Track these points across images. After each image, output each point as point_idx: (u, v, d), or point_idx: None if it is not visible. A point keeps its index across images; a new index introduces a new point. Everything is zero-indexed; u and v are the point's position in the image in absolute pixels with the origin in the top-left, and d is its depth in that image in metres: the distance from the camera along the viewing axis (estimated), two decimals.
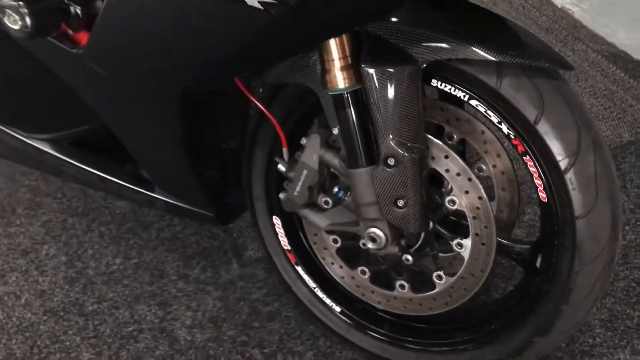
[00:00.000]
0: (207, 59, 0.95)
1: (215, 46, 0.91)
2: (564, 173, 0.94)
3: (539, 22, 2.28)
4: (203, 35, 0.91)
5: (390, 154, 0.99)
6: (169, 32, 0.92)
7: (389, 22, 0.96)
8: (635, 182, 1.70)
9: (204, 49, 0.93)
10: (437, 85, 1.01)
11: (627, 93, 1.99)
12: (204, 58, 0.94)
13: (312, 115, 1.16)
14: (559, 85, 0.95)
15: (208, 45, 0.92)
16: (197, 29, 0.90)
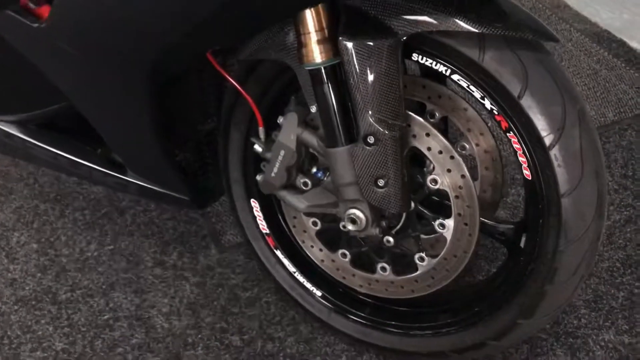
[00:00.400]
0: (174, 30, 0.90)
1: (182, 15, 0.87)
2: (548, 149, 0.91)
3: (523, 2, 2.25)
4: (169, 4, 0.86)
5: (370, 132, 0.96)
6: (134, 4, 0.87)
7: None
8: (619, 162, 1.68)
9: (170, 19, 0.88)
10: (418, 59, 0.97)
11: (611, 72, 1.97)
12: (171, 29, 0.90)
13: (290, 92, 1.12)
14: (544, 58, 0.92)
15: (175, 14, 0.87)
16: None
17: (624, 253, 1.46)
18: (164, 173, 1.22)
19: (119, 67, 1.00)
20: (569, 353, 1.26)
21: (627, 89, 1.90)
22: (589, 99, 1.88)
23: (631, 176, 1.64)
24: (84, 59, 0.99)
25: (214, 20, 0.87)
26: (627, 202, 1.58)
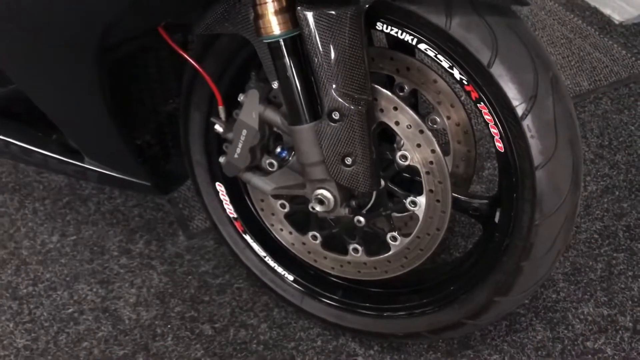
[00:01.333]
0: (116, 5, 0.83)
1: None
2: (521, 119, 0.87)
3: None
4: None
5: (335, 107, 0.90)
6: None
7: None
8: (595, 132, 1.65)
9: None
10: (382, 28, 0.92)
11: (585, 41, 1.93)
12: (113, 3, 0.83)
13: (251, 68, 1.06)
14: (514, 23, 0.87)
15: None
16: None
17: (602, 224, 1.44)
18: (123, 158, 1.16)
19: (63, 45, 0.93)
20: (549, 328, 1.24)
21: (601, 57, 1.87)
22: (564, 69, 1.84)
23: (607, 145, 1.62)
24: (27, 36, 0.92)
25: None
26: (604, 171, 1.55)
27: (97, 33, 0.89)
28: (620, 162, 1.57)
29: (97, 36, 0.90)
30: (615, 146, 1.61)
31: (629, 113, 1.70)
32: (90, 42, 0.91)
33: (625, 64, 1.84)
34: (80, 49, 0.92)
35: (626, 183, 1.52)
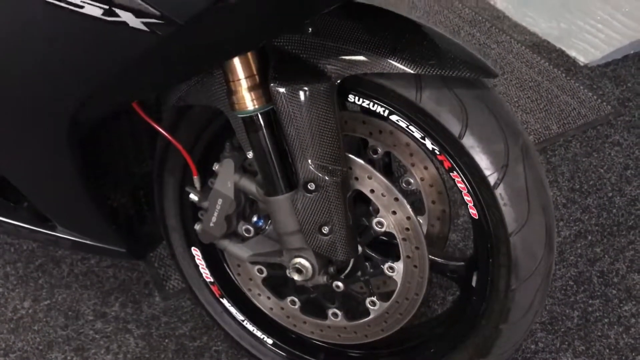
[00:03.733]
0: (91, 84, 0.83)
1: (98, 70, 0.80)
2: (493, 188, 0.88)
3: (462, 15, 2.25)
4: (84, 59, 0.79)
5: (310, 179, 0.91)
6: (46, 55, 0.80)
7: (297, 35, 0.87)
8: (566, 175, 1.68)
9: (86, 74, 0.82)
10: (354, 100, 0.93)
11: (552, 83, 1.98)
12: (88, 83, 0.83)
13: (224, 137, 1.06)
14: (483, 94, 0.89)
15: (91, 69, 0.81)
16: (77, 51, 0.79)
17: (576, 270, 1.46)
18: (97, 225, 1.14)
19: (36, 123, 0.92)
20: None
21: (569, 100, 1.91)
22: (533, 112, 1.88)
23: (578, 189, 1.65)
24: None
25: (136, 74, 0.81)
26: (576, 216, 1.58)
27: (69, 110, 0.88)
28: (592, 206, 1.60)
29: (68, 113, 0.89)
30: (586, 190, 1.65)
31: (597, 156, 1.74)
32: (62, 119, 0.90)
33: (591, 106, 1.89)
34: (51, 125, 0.91)
35: (598, 227, 1.55)
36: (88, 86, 0.83)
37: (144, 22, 0.72)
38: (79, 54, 0.78)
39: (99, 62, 0.79)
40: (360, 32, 0.87)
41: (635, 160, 1.72)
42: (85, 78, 0.82)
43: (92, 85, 0.83)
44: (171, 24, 0.72)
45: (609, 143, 1.77)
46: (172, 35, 0.73)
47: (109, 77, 0.81)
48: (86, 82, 0.82)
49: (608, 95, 1.93)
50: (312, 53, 0.87)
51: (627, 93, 1.93)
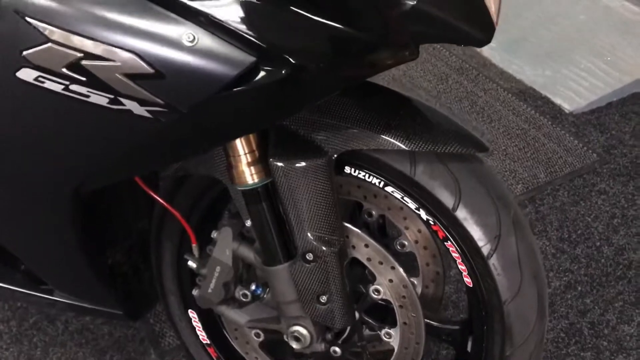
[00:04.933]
0: (94, 165, 0.85)
1: (101, 152, 0.83)
2: (487, 259, 0.91)
3: (449, 63, 2.31)
4: (89, 142, 0.82)
5: (308, 249, 0.93)
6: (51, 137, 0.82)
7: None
8: (554, 225, 1.72)
9: (90, 155, 0.84)
10: (350, 172, 0.96)
11: (539, 131, 2.03)
12: (91, 164, 0.85)
13: (221, 203, 1.08)
14: (474, 168, 0.92)
15: (94, 151, 0.83)
16: (82, 135, 0.81)
17: (567, 321, 1.48)
18: (94, 289, 1.15)
19: (38, 197, 0.93)
20: None
21: (555, 148, 1.96)
22: (521, 160, 1.92)
23: (567, 238, 1.68)
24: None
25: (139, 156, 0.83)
26: (565, 266, 1.61)
27: (71, 186, 0.90)
28: (580, 256, 1.63)
29: (70, 189, 0.91)
30: (575, 239, 1.68)
31: (585, 204, 1.77)
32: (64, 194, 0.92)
33: (578, 154, 1.93)
34: (52, 198, 0.93)
35: (587, 277, 1.58)
36: (91, 166, 0.85)
37: (148, 110, 0.75)
38: (84, 137, 0.81)
39: (102, 145, 0.81)
40: (356, 109, 0.90)
41: (621, 209, 1.76)
42: (88, 159, 0.84)
43: (95, 165, 0.85)
44: (174, 112, 0.74)
45: (596, 192, 1.81)
46: (175, 121, 0.76)
47: (111, 159, 0.83)
48: (89, 163, 0.84)
49: (593, 142, 1.98)
50: (310, 129, 0.90)
51: (612, 140, 1.98)
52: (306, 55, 0.72)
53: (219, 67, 0.71)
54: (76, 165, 0.85)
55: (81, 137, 0.81)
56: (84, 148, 0.82)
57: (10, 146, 0.85)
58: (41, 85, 0.74)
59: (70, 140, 0.82)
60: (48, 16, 0.71)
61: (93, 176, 0.88)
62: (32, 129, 0.81)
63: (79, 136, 0.81)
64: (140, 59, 0.71)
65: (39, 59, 0.72)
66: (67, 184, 0.89)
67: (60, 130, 0.80)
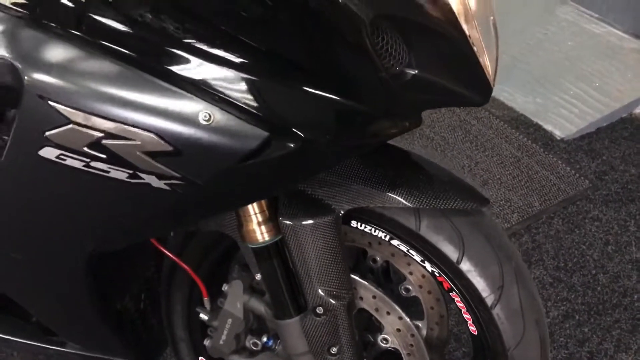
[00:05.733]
0: (112, 231, 0.88)
1: (120, 221, 0.86)
2: (491, 309, 0.94)
3: None
4: (108, 211, 0.85)
5: (319, 303, 0.96)
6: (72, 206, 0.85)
7: None
8: (550, 254, 1.76)
9: (108, 222, 0.87)
10: (357, 226, 0.99)
11: (532, 159, 2.07)
12: (109, 230, 0.88)
13: (231, 256, 1.11)
14: (477, 221, 0.96)
15: (113, 219, 0.86)
16: (102, 205, 0.84)
17: (566, 351, 1.52)
18: (105, 339, 1.17)
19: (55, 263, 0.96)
20: None
21: (548, 175, 2.01)
22: (515, 189, 1.96)
23: (563, 267, 1.72)
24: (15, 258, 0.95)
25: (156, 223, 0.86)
26: (563, 295, 1.65)
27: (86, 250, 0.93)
28: (577, 284, 1.67)
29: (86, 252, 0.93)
30: (571, 267, 1.72)
31: (579, 232, 1.82)
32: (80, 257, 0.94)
33: (570, 181, 1.98)
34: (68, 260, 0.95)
35: (584, 306, 1.62)
36: (108, 233, 0.88)
37: (166, 183, 0.78)
38: (103, 207, 0.83)
39: (121, 215, 0.84)
40: (361, 167, 0.94)
41: (614, 236, 1.80)
42: (106, 227, 0.87)
43: (112, 232, 0.88)
44: (192, 184, 0.78)
45: (589, 219, 1.86)
46: (192, 192, 0.79)
47: (129, 226, 0.86)
48: (107, 229, 0.87)
49: (585, 169, 2.02)
50: (318, 188, 0.93)
51: (603, 166, 2.03)
52: (315, 130, 0.75)
53: (234, 142, 0.74)
54: (94, 232, 0.88)
55: (101, 208, 0.84)
56: (103, 217, 0.85)
57: (32, 215, 0.87)
58: (63, 162, 0.77)
59: (90, 211, 0.84)
60: (69, 99, 0.74)
61: (110, 240, 0.91)
62: (54, 200, 0.84)
63: (98, 207, 0.84)
64: (159, 138, 0.74)
65: (61, 139, 0.75)
66: (84, 247, 0.92)
67: (80, 202, 0.83)
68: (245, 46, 0.72)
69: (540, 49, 2.46)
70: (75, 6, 0.73)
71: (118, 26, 0.72)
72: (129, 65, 0.73)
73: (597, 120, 2.17)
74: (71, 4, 0.73)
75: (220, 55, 0.72)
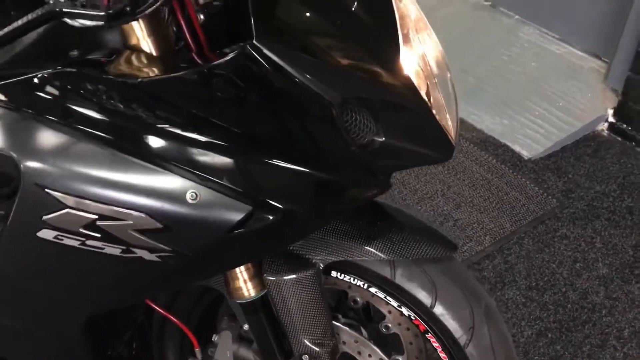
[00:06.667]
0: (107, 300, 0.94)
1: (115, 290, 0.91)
2: (464, 348, 1.02)
3: None
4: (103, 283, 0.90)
5: (304, 352, 1.03)
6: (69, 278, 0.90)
7: None
8: (522, 274, 1.84)
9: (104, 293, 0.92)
10: (337, 276, 1.06)
11: (501, 180, 2.16)
12: (103, 299, 0.94)
13: (219, 305, 1.17)
14: (448, 267, 1.03)
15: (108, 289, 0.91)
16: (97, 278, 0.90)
17: None
18: None
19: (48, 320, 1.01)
20: None
21: (518, 196, 2.10)
22: (487, 211, 2.05)
23: (535, 286, 1.81)
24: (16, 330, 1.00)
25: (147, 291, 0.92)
26: (536, 314, 1.73)
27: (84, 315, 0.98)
28: (549, 303, 1.76)
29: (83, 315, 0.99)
30: (542, 286, 1.81)
31: (549, 251, 1.91)
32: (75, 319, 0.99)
33: (539, 200, 2.07)
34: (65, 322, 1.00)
35: (556, 324, 1.71)
36: (104, 300, 0.94)
37: (158, 256, 0.84)
38: (99, 279, 0.89)
39: (116, 284, 0.90)
40: (339, 222, 1.00)
41: (582, 253, 1.90)
42: (102, 295, 0.92)
43: (108, 299, 0.94)
44: (181, 255, 0.84)
45: (558, 237, 1.95)
46: (182, 262, 0.85)
47: (124, 293, 0.92)
48: (102, 297, 0.93)
49: (552, 188, 2.12)
50: (299, 244, 1.00)
51: (569, 184, 2.13)
52: (293, 201, 0.82)
53: (219, 217, 0.81)
54: (90, 300, 0.94)
55: (96, 280, 0.89)
56: (99, 287, 0.91)
57: (31, 288, 0.93)
58: (60, 242, 0.83)
59: (86, 282, 0.90)
60: (64, 186, 0.79)
61: (105, 305, 0.97)
62: (52, 275, 0.89)
63: (94, 279, 0.89)
64: (149, 217, 0.80)
65: (57, 222, 0.81)
66: (80, 313, 0.97)
67: (77, 275, 0.89)
68: (220, 129, 0.78)
69: (505, 70, 2.56)
70: (52, 98, 0.79)
71: (96, 115, 0.78)
72: (116, 151, 0.79)
73: (562, 139, 2.27)
74: (48, 96, 0.79)
75: (197, 139, 0.78)
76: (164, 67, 0.81)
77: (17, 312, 0.97)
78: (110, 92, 0.78)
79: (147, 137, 0.79)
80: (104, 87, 0.78)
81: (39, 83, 0.80)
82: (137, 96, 0.78)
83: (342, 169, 0.84)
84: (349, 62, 0.81)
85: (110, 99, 0.78)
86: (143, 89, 0.77)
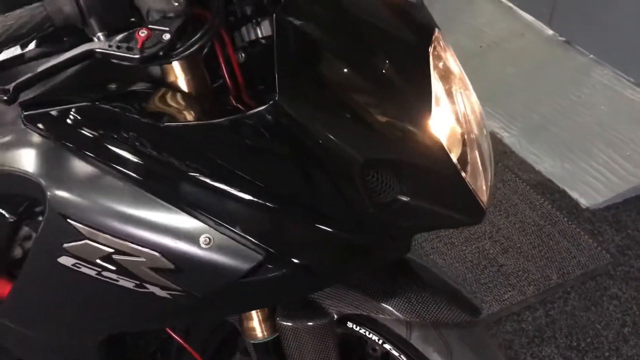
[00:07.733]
0: (120, 326, 0.96)
1: (129, 319, 0.93)
2: None
3: None
4: (118, 312, 0.92)
5: None
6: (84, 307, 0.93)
7: None
8: (564, 331, 1.76)
9: (117, 320, 0.94)
10: (352, 327, 1.04)
11: (554, 228, 2.07)
12: (116, 325, 0.96)
13: (235, 339, 1.17)
14: (467, 332, 0.99)
15: (122, 318, 0.93)
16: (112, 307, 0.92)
17: None
18: None
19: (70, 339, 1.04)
20: None
21: (569, 247, 2.00)
22: (535, 259, 1.97)
23: (576, 347, 1.72)
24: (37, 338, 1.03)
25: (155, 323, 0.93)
26: None
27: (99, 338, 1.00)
28: None
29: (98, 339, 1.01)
30: (583, 348, 1.71)
31: (595, 310, 1.81)
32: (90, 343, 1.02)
33: (591, 254, 1.97)
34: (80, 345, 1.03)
35: None
36: (117, 326, 0.96)
37: (169, 293, 0.85)
38: (113, 308, 0.91)
39: (130, 313, 0.91)
40: None
41: (632, 317, 1.79)
42: (115, 322, 0.94)
43: (122, 324, 0.96)
44: (192, 296, 0.84)
45: (607, 296, 1.85)
46: (194, 302, 0.85)
47: (137, 322, 0.94)
48: (116, 324, 0.95)
49: (608, 242, 2.01)
50: (316, 294, 0.99)
51: (627, 240, 2.01)
52: (306, 257, 0.81)
53: (230, 264, 0.81)
54: (104, 325, 0.96)
55: (111, 307, 0.91)
56: (113, 315, 0.93)
57: (51, 307, 0.96)
58: (77, 269, 0.85)
59: (102, 309, 0.92)
60: (86, 218, 0.82)
61: (121, 328, 0.99)
62: (70, 299, 0.92)
63: (109, 306, 0.91)
64: (162, 256, 0.81)
65: (77, 251, 0.84)
66: (95, 337, 0.99)
67: (93, 302, 0.91)
68: (242, 180, 0.78)
69: (572, 111, 2.46)
70: (85, 131, 0.82)
71: (126, 154, 0.80)
72: (140, 189, 0.81)
73: (625, 190, 2.15)
74: (81, 129, 0.82)
75: (220, 188, 0.79)
76: (200, 107, 0.82)
77: (38, 326, 1.00)
78: (141, 135, 0.80)
79: (171, 181, 0.80)
80: (135, 130, 0.79)
81: (74, 115, 0.83)
82: (167, 140, 0.79)
83: (360, 230, 0.82)
84: (376, 122, 0.79)
85: (141, 142, 0.80)
86: (171, 133, 0.78)
